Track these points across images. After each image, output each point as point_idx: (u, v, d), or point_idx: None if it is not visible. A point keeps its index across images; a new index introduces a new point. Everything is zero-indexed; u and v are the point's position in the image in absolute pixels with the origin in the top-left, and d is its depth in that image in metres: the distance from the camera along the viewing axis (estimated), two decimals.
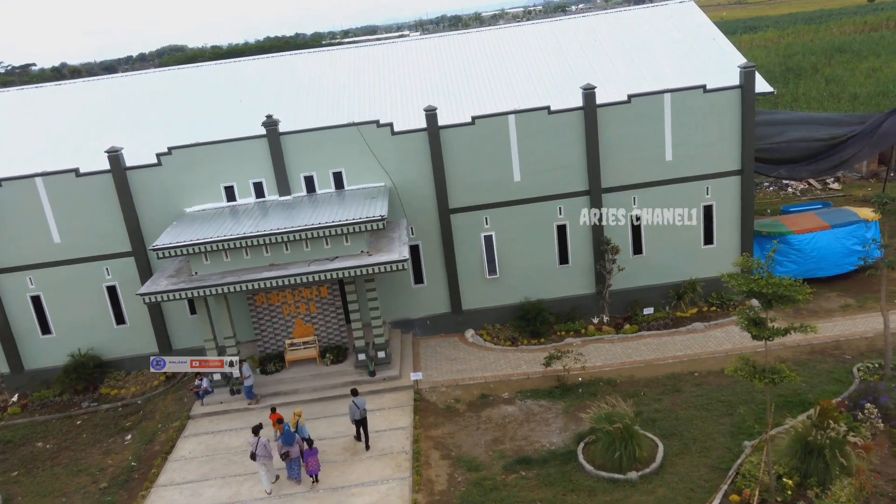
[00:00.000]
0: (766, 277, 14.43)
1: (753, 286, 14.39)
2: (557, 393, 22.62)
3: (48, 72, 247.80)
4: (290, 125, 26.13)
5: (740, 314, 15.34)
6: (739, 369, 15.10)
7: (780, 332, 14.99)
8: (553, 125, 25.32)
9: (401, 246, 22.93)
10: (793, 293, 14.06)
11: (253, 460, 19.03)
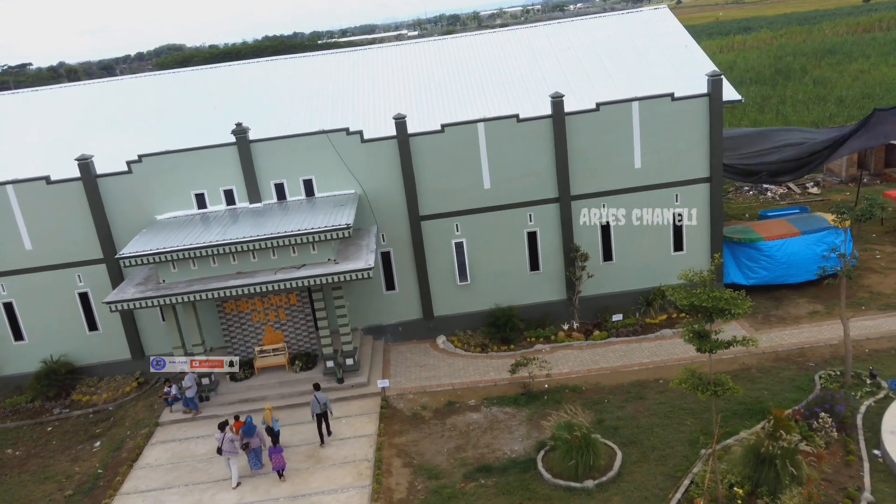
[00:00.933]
0: (706, 291, 14.56)
1: (694, 300, 14.54)
2: (523, 400, 22.77)
3: (44, 71, 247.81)
4: (264, 132, 26.25)
5: (685, 327, 15.49)
6: (683, 381, 15.23)
7: (722, 345, 15.14)
8: (522, 133, 25.47)
9: (368, 254, 23.07)
10: (731, 307, 14.21)
11: (219, 455, 19.64)
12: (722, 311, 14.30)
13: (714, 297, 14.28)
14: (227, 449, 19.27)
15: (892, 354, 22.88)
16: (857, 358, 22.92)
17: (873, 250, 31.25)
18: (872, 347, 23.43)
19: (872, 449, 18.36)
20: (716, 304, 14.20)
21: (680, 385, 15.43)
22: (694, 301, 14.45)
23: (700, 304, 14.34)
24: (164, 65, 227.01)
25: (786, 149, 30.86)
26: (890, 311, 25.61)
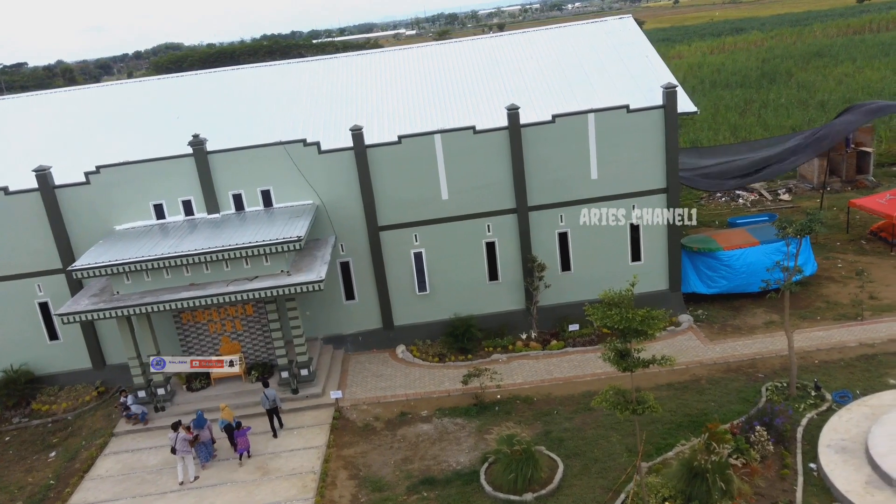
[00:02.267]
0: (620, 312, 14.72)
1: (608, 320, 14.70)
2: (474, 411, 22.94)
3: (40, 71, 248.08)
4: (227, 142, 26.36)
5: (607, 345, 15.65)
6: (604, 400, 15.40)
7: (643, 363, 15.31)
8: (479, 144, 25.64)
9: (321, 266, 23.23)
10: (645, 327, 14.38)
11: (173, 454, 20.34)
12: (637, 332, 14.47)
13: (628, 318, 14.44)
14: (181, 448, 19.91)
15: (840, 366, 23.06)
16: (806, 369, 23.14)
17: (836, 259, 31.45)
18: (822, 359, 23.61)
19: (809, 462, 18.55)
20: (629, 325, 14.36)
21: (601, 404, 15.58)
22: (607, 322, 14.62)
23: (613, 325, 14.50)
24: (159, 64, 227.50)
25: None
26: (844, 321, 25.78)
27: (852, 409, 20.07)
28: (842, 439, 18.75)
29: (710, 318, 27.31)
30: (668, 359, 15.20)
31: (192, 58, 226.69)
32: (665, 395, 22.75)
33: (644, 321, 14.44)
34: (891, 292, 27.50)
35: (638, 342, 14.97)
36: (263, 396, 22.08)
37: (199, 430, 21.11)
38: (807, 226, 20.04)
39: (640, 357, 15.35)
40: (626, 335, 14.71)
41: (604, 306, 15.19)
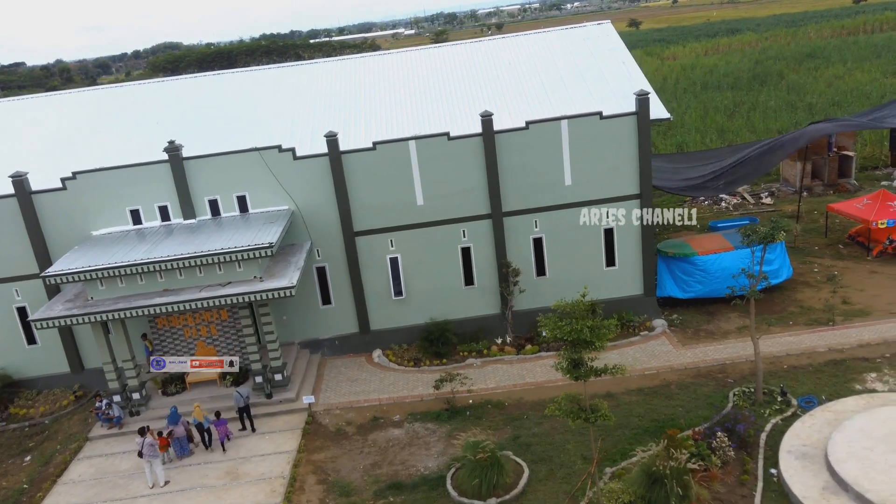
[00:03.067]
0: (570, 323, 14.88)
1: (557, 332, 14.88)
2: (445, 416, 23.13)
3: (37, 70, 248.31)
4: (208, 147, 26.54)
5: (562, 354, 15.81)
6: (557, 408, 15.59)
7: (596, 372, 15.50)
8: (453, 151, 25.82)
9: (293, 272, 23.42)
10: (594, 338, 14.57)
11: (140, 458, 20.65)
12: (586, 343, 14.65)
13: (576, 329, 14.61)
14: (148, 453, 20.17)
15: (809, 371, 23.25)
16: (775, 374, 23.34)
17: (813, 263, 31.62)
18: (792, 364, 23.80)
19: (770, 468, 18.74)
20: (578, 336, 14.55)
21: (554, 412, 15.78)
22: (557, 333, 14.80)
23: (563, 336, 14.68)
24: (156, 64, 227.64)
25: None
26: (816, 326, 25.95)
27: (816, 414, 20.26)
28: (803, 445, 18.94)
29: (685, 323, 27.49)
30: (619, 368, 15.39)
31: (189, 58, 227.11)
32: (635, 399, 22.96)
33: (593, 332, 14.61)
34: (864, 297, 27.68)
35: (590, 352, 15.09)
36: (237, 394, 22.69)
37: (174, 426, 21.85)
38: (769, 234, 20.20)
39: (592, 366, 15.50)
40: (576, 346, 14.88)
41: (555, 317, 15.36)
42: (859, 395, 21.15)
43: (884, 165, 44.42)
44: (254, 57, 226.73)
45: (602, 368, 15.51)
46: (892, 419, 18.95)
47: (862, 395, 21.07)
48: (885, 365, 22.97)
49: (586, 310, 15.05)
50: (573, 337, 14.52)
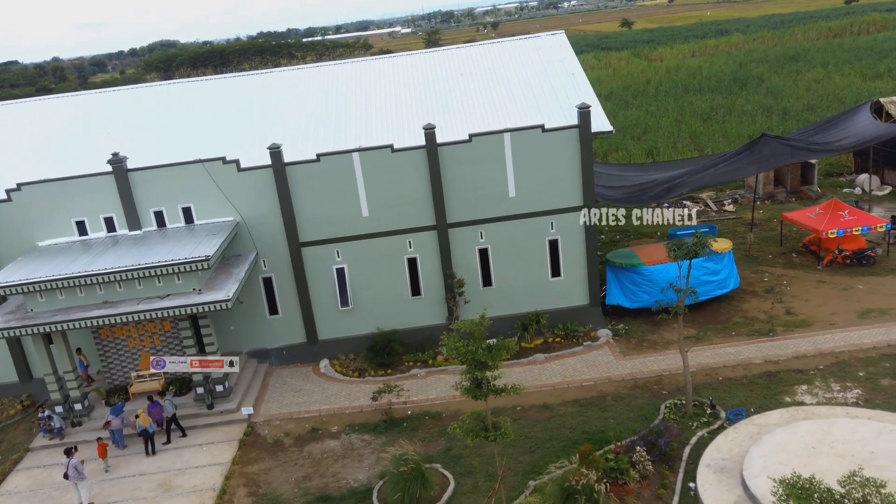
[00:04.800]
0: (466, 344, 15.09)
1: (453, 352, 15.10)
2: (382, 427, 23.34)
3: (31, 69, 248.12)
4: (159, 157, 26.74)
5: (464, 374, 16.01)
6: (459, 427, 15.81)
7: (496, 392, 15.70)
8: (397, 163, 26.02)
9: (233, 284, 23.62)
10: (488, 359, 14.78)
11: (66, 479, 20.70)
12: (481, 364, 14.87)
13: (471, 350, 14.82)
14: (73, 475, 20.23)
15: (743, 383, 23.47)
16: (709, 386, 23.57)
17: (764, 272, 31.85)
18: (727, 375, 24.03)
19: (689, 482, 18.97)
20: (474, 357, 14.76)
21: (455, 430, 15.99)
22: (453, 354, 15.01)
23: (459, 357, 14.89)
24: (149, 63, 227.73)
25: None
26: (756, 337, 26.16)
27: (740, 428, 20.48)
28: (722, 459, 19.16)
29: (630, 333, 27.71)
30: (517, 388, 15.60)
31: (182, 57, 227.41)
32: (570, 411, 23.19)
33: (487, 353, 14.83)
34: (808, 307, 27.91)
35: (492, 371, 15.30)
36: (168, 403, 23.46)
37: (113, 417, 23.05)
38: (692, 250, 20.41)
39: (493, 385, 15.71)
40: (474, 367, 15.09)
41: (455, 337, 15.57)
42: (786, 407, 21.37)
43: (848, 172, 44.67)
44: (247, 56, 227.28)
45: (502, 388, 15.72)
46: (809, 433, 19.16)
47: (788, 408, 21.29)
48: (817, 377, 23.21)
49: (486, 330, 15.24)
50: (469, 358, 14.73)
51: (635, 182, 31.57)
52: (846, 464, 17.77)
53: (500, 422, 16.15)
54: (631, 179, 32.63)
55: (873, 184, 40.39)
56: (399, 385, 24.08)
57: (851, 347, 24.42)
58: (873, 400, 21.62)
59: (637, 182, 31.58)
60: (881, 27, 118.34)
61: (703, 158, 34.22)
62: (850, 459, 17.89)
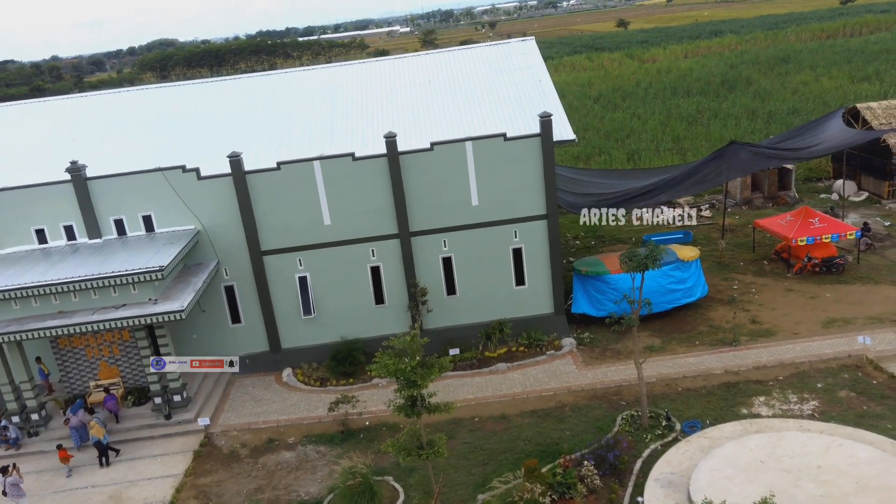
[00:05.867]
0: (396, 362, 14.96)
1: (383, 371, 14.97)
2: (338, 438, 23.22)
3: (27, 68, 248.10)
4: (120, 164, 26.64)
5: (398, 392, 15.88)
6: (392, 445, 15.70)
7: (430, 410, 15.57)
8: (359, 171, 25.88)
9: (189, 294, 23.49)
10: (417, 378, 14.65)
11: (5, 496, 20.55)
12: (411, 384, 14.74)
13: (401, 369, 14.70)
14: (11, 493, 20.02)
15: (702, 394, 23.35)
16: (667, 397, 23.45)
17: (734, 279, 31.72)
18: (687, 386, 23.90)
19: (638, 496, 18.83)
20: (406, 377, 14.64)
21: (388, 449, 15.87)
22: (381, 373, 14.89)
23: (389, 374, 14.77)
24: (145, 63, 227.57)
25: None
26: (720, 347, 26.02)
27: (692, 441, 20.37)
28: (671, 473, 19.04)
29: (594, 342, 27.57)
30: (448, 406, 15.48)
31: (178, 56, 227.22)
32: (527, 422, 23.06)
33: (415, 372, 14.70)
34: (773, 316, 27.78)
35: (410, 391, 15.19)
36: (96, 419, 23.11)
37: (72, 415, 23.28)
38: (642, 263, 20.28)
39: (428, 403, 15.59)
40: (405, 385, 14.97)
41: (388, 355, 15.44)
42: (740, 420, 21.24)
43: (826, 178, 44.54)
44: (242, 56, 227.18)
45: (435, 406, 15.60)
46: (759, 447, 19.04)
47: (742, 420, 21.18)
48: (775, 388, 23.09)
49: (419, 347, 15.12)
50: (398, 377, 14.61)
51: (605, 191, 31.40)
52: (792, 479, 17.74)
53: (435, 439, 16.01)
54: (602, 187, 32.47)
55: (850, 189, 40.27)
56: (356, 396, 23.94)
57: (812, 358, 24.29)
58: (829, 412, 21.50)
59: (607, 191, 31.40)
60: (874, 28, 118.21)
61: (675, 168, 34.01)
62: (797, 474, 17.83)
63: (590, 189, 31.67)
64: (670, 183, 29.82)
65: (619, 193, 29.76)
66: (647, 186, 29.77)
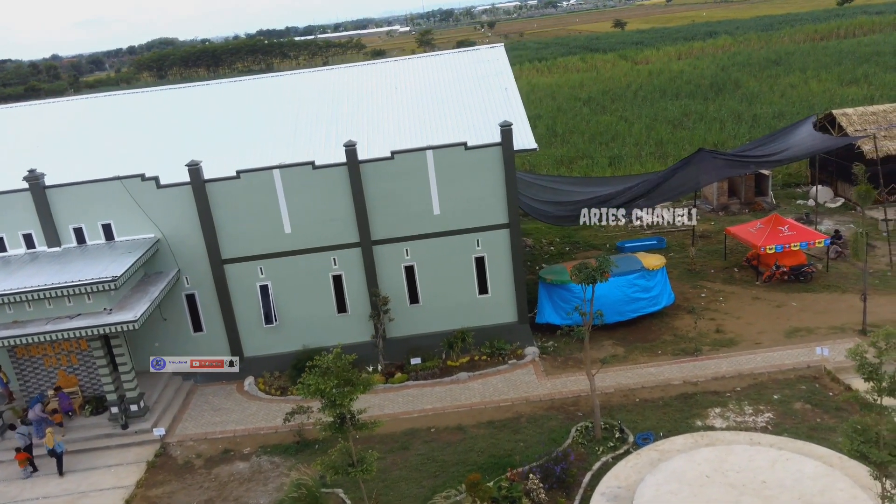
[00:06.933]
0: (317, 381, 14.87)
1: (303, 390, 14.89)
2: (294, 449, 23.14)
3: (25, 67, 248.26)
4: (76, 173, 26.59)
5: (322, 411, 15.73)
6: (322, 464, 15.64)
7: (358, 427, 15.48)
8: (319, 180, 25.81)
9: (144, 304, 23.42)
10: (338, 398, 14.58)
11: None
12: (332, 404, 14.67)
13: (320, 389, 14.61)
14: None
15: (659, 405, 23.23)
16: (625, 408, 23.35)
17: (703, 287, 31.60)
18: (645, 397, 23.79)
19: None
20: (326, 395, 14.56)
21: (317, 467, 15.80)
22: (302, 392, 14.81)
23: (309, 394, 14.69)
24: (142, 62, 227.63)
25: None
26: (681, 356, 25.91)
27: (642, 454, 20.27)
28: (618, 487, 18.94)
29: (558, 351, 27.44)
30: (375, 423, 15.41)
31: (174, 56, 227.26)
32: (482, 433, 22.96)
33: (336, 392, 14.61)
34: (737, 325, 27.66)
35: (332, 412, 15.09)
36: (18, 435, 23.02)
37: (31, 409, 23.83)
38: (590, 275, 20.19)
39: (357, 420, 15.51)
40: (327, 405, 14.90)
41: (310, 375, 15.36)
42: (692, 432, 21.14)
43: (805, 183, 44.40)
44: (239, 56, 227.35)
45: (363, 424, 15.53)
46: (706, 461, 18.93)
47: (694, 433, 21.07)
48: (732, 399, 22.98)
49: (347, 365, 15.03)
50: (320, 396, 14.55)
51: (574, 199, 31.29)
52: (736, 493, 17.64)
53: (366, 456, 15.92)
54: (572, 196, 32.36)
55: (826, 196, 40.15)
56: (311, 406, 23.80)
57: (771, 369, 24.19)
58: (783, 424, 21.39)
59: (576, 199, 31.29)
60: (868, 30, 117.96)
61: (644, 175, 33.88)
62: (741, 489, 17.73)
63: (558, 197, 31.58)
64: (633, 191, 29.65)
65: (577, 202, 29.65)
66: (605, 196, 29.63)
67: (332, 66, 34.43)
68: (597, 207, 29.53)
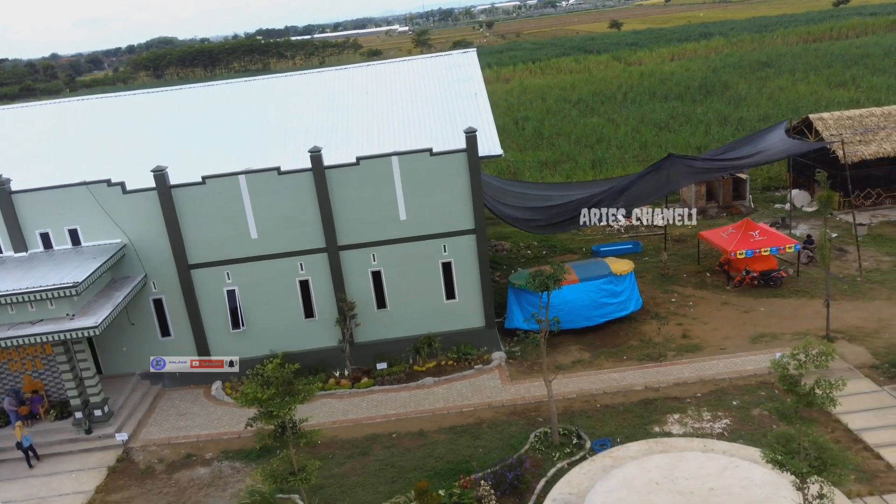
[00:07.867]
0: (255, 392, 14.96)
1: (241, 400, 14.98)
2: (255, 454, 23.18)
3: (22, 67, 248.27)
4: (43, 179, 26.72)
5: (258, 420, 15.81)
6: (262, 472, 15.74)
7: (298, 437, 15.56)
8: (285, 185, 25.88)
9: (107, 310, 23.50)
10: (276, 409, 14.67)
11: None
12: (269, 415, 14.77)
13: (258, 398, 14.70)
14: None
15: (619, 411, 23.29)
16: (586, 413, 23.41)
17: (673, 292, 31.68)
18: (606, 402, 23.85)
19: None
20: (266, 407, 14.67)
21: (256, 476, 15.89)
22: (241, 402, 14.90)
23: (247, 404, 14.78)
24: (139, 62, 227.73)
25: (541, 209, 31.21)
26: (646, 362, 25.98)
27: (596, 460, 20.33)
28: (570, 493, 19.01)
29: (525, 356, 27.51)
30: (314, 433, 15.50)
31: (171, 56, 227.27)
32: (442, 439, 23.02)
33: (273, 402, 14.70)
34: (704, 331, 27.74)
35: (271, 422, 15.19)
36: None
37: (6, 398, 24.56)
38: (543, 283, 20.28)
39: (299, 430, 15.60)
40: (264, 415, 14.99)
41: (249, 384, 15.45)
42: (648, 439, 21.21)
43: (784, 187, 44.45)
44: (236, 55, 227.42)
45: (302, 434, 15.62)
46: (657, 468, 19.01)
47: (649, 439, 21.14)
48: (691, 406, 23.04)
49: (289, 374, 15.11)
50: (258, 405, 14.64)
51: (545, 204, 31.39)
52: (684, 501, 17.71)
53: (307, 465, 16.00)
54: (545, 200, 32.43)
55: (803, 200, 40.23)
56: None
57: (733, 374, 24.27)
58: (740, 430, 21.47)
59: (548, 204, 31.39)
60: (860, 32, 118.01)
61: (614, 180, 33.92)
62: (689, 497, 17.80)
63: (531, 203, 31.66)
64: (599, 196, 29.71)
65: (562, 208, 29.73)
66: (575, 203, 29.68)
67: (305, 71, 34.49)
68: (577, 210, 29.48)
